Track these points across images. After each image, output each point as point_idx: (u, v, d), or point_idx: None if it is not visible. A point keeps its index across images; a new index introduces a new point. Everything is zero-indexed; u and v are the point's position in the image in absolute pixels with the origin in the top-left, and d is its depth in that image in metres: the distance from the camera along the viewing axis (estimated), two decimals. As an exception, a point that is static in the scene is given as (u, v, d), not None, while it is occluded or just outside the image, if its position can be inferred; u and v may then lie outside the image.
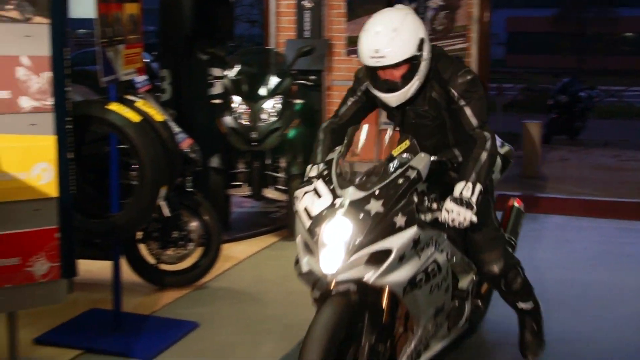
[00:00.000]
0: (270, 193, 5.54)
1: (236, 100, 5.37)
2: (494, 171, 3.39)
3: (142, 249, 4.46)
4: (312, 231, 2.73)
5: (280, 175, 5.49)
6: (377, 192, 2.75)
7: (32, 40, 3.05)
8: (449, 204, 2.79)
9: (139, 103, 3.85)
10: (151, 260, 4.48)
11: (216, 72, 5.75)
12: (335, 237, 2.66)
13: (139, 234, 4.38)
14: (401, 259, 2.72)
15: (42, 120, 3.10)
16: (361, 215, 2.69)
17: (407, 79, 2.94)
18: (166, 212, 4.26)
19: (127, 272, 4.26)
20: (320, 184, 2.83)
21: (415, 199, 2.77)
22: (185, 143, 4.32)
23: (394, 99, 2.99)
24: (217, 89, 5.78)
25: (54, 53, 3.09)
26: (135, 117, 3.68)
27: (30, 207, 3.12)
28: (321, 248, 2.67)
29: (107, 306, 4.01)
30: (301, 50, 5.67)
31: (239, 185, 5.59)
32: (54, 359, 3.61)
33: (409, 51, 2.87)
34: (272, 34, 6.84)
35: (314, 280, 2.84)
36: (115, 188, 3.75)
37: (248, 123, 5.30)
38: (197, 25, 5.75)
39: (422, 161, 2.85)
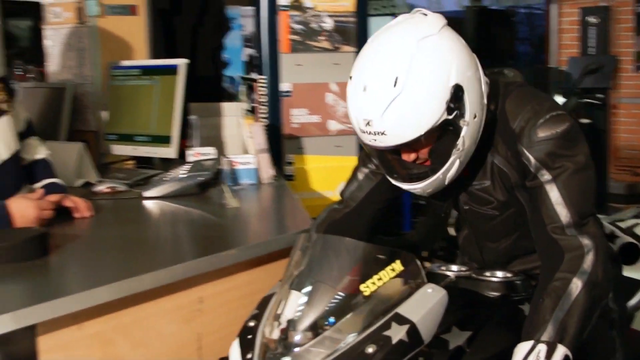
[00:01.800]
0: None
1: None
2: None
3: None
4: None
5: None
6: None
7: (340, 68, 3.29)
8: None
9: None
10: (435, 278, 4.56)
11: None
12: None
13: (425, 252, 4.48)
14: None
15: (346, 142, 3.34)
16: None
17: (439, 157, 1.55)
18: (451, 231, 4.31)
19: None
20: (234, 349, 1.48)
21: None
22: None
23: (420, 190, 1.63)
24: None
25: (359, 79, 3.30)
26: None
27: (334, 223, 3.34)
28: None
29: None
30: (588, 68, 5.49)
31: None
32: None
33: (429, 120, 1.46)
34: (553, 52, 6.69)
35: None
36: (408, 207, 3.88)
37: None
38: (479, 43, 5.81)
39: (425, 303, 1.41)
